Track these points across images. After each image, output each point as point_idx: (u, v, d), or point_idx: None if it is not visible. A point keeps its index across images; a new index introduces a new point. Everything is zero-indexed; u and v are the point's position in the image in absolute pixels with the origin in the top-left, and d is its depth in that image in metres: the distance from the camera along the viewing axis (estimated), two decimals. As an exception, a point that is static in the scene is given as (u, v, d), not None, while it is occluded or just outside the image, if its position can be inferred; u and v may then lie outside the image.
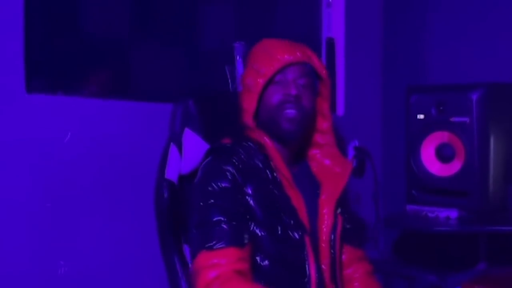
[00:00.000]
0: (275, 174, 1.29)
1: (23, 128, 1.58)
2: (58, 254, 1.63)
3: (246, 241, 1.21)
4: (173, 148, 1.41)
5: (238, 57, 2.09)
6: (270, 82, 1.31)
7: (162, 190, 1.39)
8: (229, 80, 2.09)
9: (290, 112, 1.30)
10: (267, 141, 1.31)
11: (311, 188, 1.37)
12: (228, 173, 1.25)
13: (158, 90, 1.94)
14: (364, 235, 1.49)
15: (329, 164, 1.40)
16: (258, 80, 1.31)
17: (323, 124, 1.41)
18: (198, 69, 2.09)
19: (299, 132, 1.33)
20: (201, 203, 1.24)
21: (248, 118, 1.34)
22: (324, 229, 1.33)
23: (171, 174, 1.40)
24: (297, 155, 1.40)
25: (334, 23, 2.34)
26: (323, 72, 1.37)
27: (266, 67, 1.31)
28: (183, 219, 1.38)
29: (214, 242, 1.19)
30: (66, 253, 1.64)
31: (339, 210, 1.36)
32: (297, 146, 1.38)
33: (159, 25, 2.01)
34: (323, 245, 1.32)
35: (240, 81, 1.42)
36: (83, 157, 1.68)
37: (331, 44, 2.33)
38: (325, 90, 1.39)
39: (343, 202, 1.40)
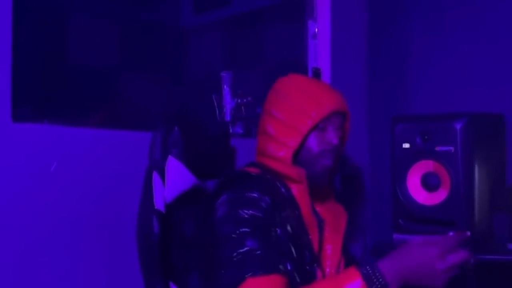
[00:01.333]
0: (300, 209, 1.29)
1: (9, 157, 1.56)
2: (41, 286, 1.60)
3: (283, 268, 1.18)
4: (156, 176, 1.36)
5: (225, 86, 2.11)
6: (315, 126, 1.32)
7: (151, 223, 1.30)
8: (216, 109, 2.11)
9: (328, 161, 1.33)
10: (304, 179, 1.31)
11: (319, 226, 1.35)
12: (261, 202, 1.21)
13: (145, 119, 1.95)
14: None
15: (330, 199, 1.42)
16: (307, 121, 1.31)
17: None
18: (185, 98, 2.11)
19: (329, 177, 1.36)
20: (236, 231, 1.18)
21: (286, 153, 1.32)
22: (327, 267, 1.32)
23: (159, 203, 1.33)
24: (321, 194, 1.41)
25: (320, 53, 2.38)
26: (349, 115, 1.40)
27: (315, 109, 1.31)
28: (170, 254, 1.33)
29: (258, 270, 1.13)
30: (50, 285, 1.61)
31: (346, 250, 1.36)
32: (321, 186, 1.39)
33: (147, 55, 2.03)
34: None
35: (264, 109, 1.40)
36: (69, 187, 1.66)
37: (317, 73, 2.36)
38: (348, 127, 1.42)
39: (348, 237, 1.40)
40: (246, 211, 1.19)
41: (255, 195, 1.22)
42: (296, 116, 1.32)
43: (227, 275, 1.16)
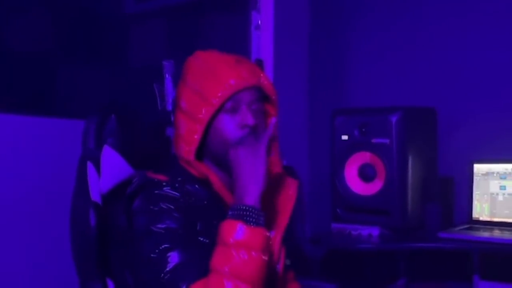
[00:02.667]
0: (223, 208, 1.15)
1: None
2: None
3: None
4: (90, 167, 1.27)
5: (167, 75, 2.08)
6: (218, 109, 1.16)
7: (87, 216, 1.22)
8: (158, 98, 2.07)
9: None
10: (213, 179, 1.18)
11: None
12: (174, 214, 1.12)
13: (83, 107, 1.89)
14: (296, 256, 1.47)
15: (274, 187, 1.28)
16: (204, 108, 1.15)
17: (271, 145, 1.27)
18: (125, 86, 2.06)
19: None
20: (156, 250, 1.09)
21: (188, 152, 1.18)
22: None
23: (95, 195, 1.26)
24: None
25: (263, 45, 2.39)
26: (273, 93, 1.25)
27: (214, 93, 1.15)
28: (107, 249, 1.25)
29: (191, 278, 1.06)
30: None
31: (284, 243, 1.27)
32: None
33: (85, 41, 1.97)
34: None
35: (175, 101, 1.26)
36: (5, 174, 1.59)
37: (260, 65, 2.37)
38: (273, 110, 1.27)
39: (290, 230, 1.32)
40: (160, 226, 1.11)
41: (165, 207, 1.12)
42: (196, 104, 1.16)
43: None
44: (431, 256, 2.04)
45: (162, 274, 1.07)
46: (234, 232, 1.05)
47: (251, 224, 1.07)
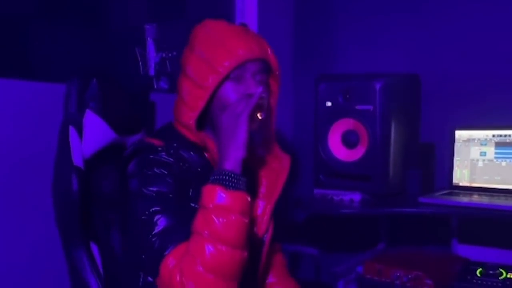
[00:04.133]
0: None
1: None
2: None
3: None
4: (72, 131, 1.27)
5: (149, 39, 2.04)
6: (225, 78, 1.18)
7: (69, 180, 1.22)
8: (140, 63, 2.04)
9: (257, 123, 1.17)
10: (211, 146, 1.20)
11: (250, 187, 1.25)
12: (167, 178, 1.15)
13: (61, 71, 1.85)
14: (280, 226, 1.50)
15: (267, 161, 1.33)
16: (211, 76, 1.17)
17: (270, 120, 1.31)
18: (106, 49, 2.02)
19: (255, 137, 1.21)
20: (147, 213, 1.12)
21: (189, 117, 1.19)
22: (255, 232, 1.28)
23: (77, 160, 1.25)
24: None
25: (247, 9, 2.35)
26: (277, 68, 1.28)
27: (221, 62, 1.17)
28: (90, 213, 1.28)
29: (172, 244, 1.09)
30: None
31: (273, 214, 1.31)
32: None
33: (64, 2, 1.91)
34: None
35: (181, 67, 1.26)
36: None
37: (244, 30, 2.34)
38: (275, 85, 1.30)
39: (279, 201, 1.34)
40: (152, 189, 1.14)
41: (159, 171, 1.15)
42: (203, 72, 1.18)
43: (149, 258, 1.13)
44: (411, 221, 2.08)
45: (150, 236, 1.11)
46: (213, 196, 1.07)
47: (230, 188, 1.08)
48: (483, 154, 1.91)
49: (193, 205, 1.15)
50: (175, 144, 1.20)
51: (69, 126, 1.27)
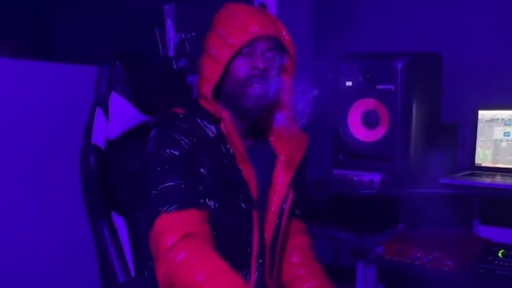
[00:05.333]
0: (228, 147, 1.28)
1: None
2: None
3: (203, 204, 1.20)
4: (99, 112, 1.36)
5: (168, 20, 2.04)
6: (237, 53, 1.26)
7: (88, 156, 1.33)
8: (159, 44, 2.04)
9: (255, 89, 1.26)
10: (225, 116, 1.29)
11: (267, 160, 1.37)
12: (182, 142, 1.23)
13: (81, 52, 1.86)
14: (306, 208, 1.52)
15: (287, 137, 1.38)
16: (225, 50, 1.26)
17: (285, 98, 1.35)
18: (125, 30, 2.02)
19: (261, 109, 1.30)
20: (157, 170, 1.21)
21: (207, 88, 1.29)
22: (275, 200, 1.35)
23: (98, 139, 1.34)
24: (256, 127, 1.37)
25: (266, -12, 2.33)
26: (291, 47, 1.33)
27: (235, 37, 1.25)
28: (111, 186, 1.35)
29: (173, 205, 1.15)
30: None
31: (293, 183, 1.37)
32: (258, 120, 1.35)
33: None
34: (271, 216, 1.34)
35: (202, 49, 1.35)
36: (1, 120, 1.59)
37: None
38: (291, 64, 1.35)
39: (299, 176, 1.40)
40: (166, 150, 1.22)
41: (176, 136, 1.23)
42: (216, 47, 1.27)
43: (148, 212, 1.19)
44: (432, 202, 2.06)
45: (152, 191, 1.19)
46: None
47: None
48: (507, 134, 1.88)
49: (202, 170, 1.22)
50: (194, 113, 1.29)
51: (96, 108, 1.36)
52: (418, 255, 1.64)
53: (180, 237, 1.11)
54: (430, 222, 2.14)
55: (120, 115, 1.37)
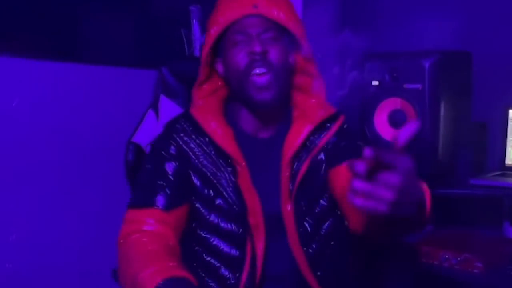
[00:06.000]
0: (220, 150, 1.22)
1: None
2: (9, 220, 1.59)
3: (173, 206, 1.19)
4: (150, 113, 1.48)
5: (194, 21, 2.05)
6: (231, 44, 1.18)
7: (128, 152, 1.46)
8: (185, 44, 2.06)
9: (260, 78, 1.15)
10: (211, 129, 1.22)
11: (278, 151, 1.25)
12: (172, 146, 1.22)
13: (108, 53, 1.89)
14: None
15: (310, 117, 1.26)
16: (212, 29, 1.18)
17: (308, 84, 1.28)
18: (152, 31, 2.04)
19: (273, 99, 1.18)
20: (143, 167, 1.26)
21: (195, 89, 1.25)
22: (282, 184, 1.23)
23: (141, 138, 1.45)
24: (273, 117, 1.27)
25: (291, -13, 2.32)
26: (290, 24, 1.19)
27: (221, 15, 1.17)
28: None
29: (139, 202, 1.20)
30: (17, 220, 1.61)
31: (299, 167, 1.22)
32: (274, 111, 1.25)
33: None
34: (286, 217, 1.22)
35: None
36: (32, 121, 1.63)
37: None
38: (304, 45, 1.24)
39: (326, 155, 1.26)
40: (156, 151, 1.23)
41: (169, 140, 1.23)
42: (207, 28, 1.21)
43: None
44: (461, 202, 2.03)
45: (132, 186, 1.29)
46: None
47: None
48: (538, 134, 1.83)
49: (193, 177, 1.21)
50: (189, 115, 1.25)
51: (148, 110, 1.48)
52: (447, 256, 1.61)
53: (131, 231, 1.17)
54: (459, 223, 2.11)
55: (168, 117, 1.42)
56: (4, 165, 1.59)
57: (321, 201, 1.28)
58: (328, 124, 1.29)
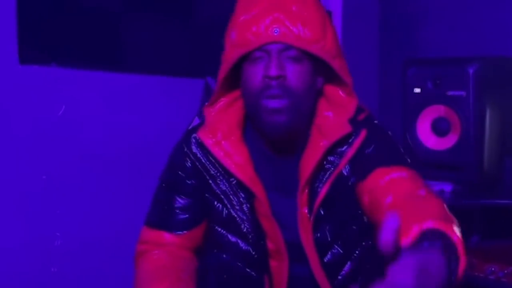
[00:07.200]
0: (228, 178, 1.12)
1: (16, 100, 1.57)
2: (55, 225, 1.64)
3: (189, 228, 1.15)
4: (196, 122, 1.46)
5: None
6: (250, 60, 1.03)
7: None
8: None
9: (272, 102, 1.01)
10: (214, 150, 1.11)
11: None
12: (188, 161, 1.14)
13: (153, 62, 1.92)
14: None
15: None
16: (231, 49, 1.04)
17: (337, 96, 1.12)
18: (198, 41, 2.07)
19: (288, 123, 1.04)
20: (161, 181, 1.19)
21: (213, 100, 1.12)
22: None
23: None
24: (289, 140, 1.12)
25: (331, -6, 2.32)
26: (319, 44, 1.02)
27: (240, 35, 1.02)
28: None
29: (155, 221, 1.17)
30: (63, 224, 1.65)
31: (320, 188, 1.08)
32: (287, 139, 1.10)
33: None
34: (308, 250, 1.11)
35: None
36: (78, 130, 1.67)
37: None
38: (338, 64, 1.06)
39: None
40: (172, 168, 1.17)
41: (179, 153, 1.16)
42: (226, 42, 1.07)
43: None
44: (508, 213, 1.96)
45: (152, 201, 1.20)
46: None
47: None
48: None
49: (209, 197, 1.14)
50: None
51: (195, 118, 1.41)
52: (493, 269, 1.56)
53: (141, 251, 1.16)
54: (506, 234, 2.04)
55: None
56: (52, 172, 1.64)
57: (350, 226, 1.15)
58: (350, 140, 1.10)
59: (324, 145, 1.07)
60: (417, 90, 1.91)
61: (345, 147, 1.10)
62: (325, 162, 1.10)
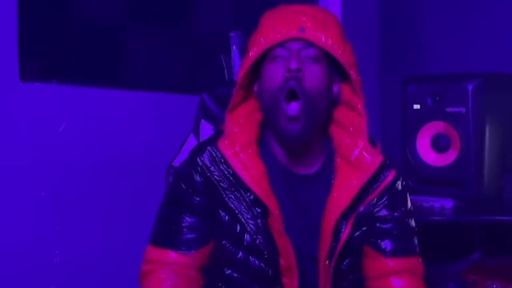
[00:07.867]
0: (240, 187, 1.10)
1: (17, 117, 1.58)
2: (53, 242, 1.63)
3: (196, 248, 1.13)
4: (191, 138, 1.49)
5: (234, 47, 2.08)
6: (270, 59, 1.06)
7: (169, 176, 1.46)
8: (225, 70, 2.09)
9: (291, 107, 1.03)
10: (235, 162, 1.09)
11: (318, 192, 1.13)
12: (197, 177, 1.12)
13: (151, 79, 1.93)
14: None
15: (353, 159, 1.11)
16: (246, 59, 1.07)
17: (349, 119, 1.14)
18: (193, 58, 2.08)
19: (303, 131, 1.05)
20: (167, 197, 1.18)
21: (228, 113, 1.12)
22: (322, 247, 1.11)
23: (178, 162, 1.45)
24: (303, 152, 1.13)
25: (331, 7, 2.33)
26: (339, 51, 1.05)
27: (256, 43, 1.06)
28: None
29: (160, 239, 1.15)
30: (61, 242, 1.64)
31: (344, 225, 1.09)
32: (300, 145, 1.10)
33: (154, 12, 2.00)
34: (322, 265, 1.11)
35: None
36: (78, 146, 1.67)
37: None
38: (355, 76, 1.09)
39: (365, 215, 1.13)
40: (180, 185, 1.14)
41: (188, 167, 1.13)
42: (246, 55, 1.09)
43: None
44: (509, 229, 1.95)
45: (156, 218, 1.17)
46: None
47: None
48: None
49: (221, 212, 1.12)
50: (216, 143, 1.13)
51: (190, 134, 1.49)
52: (495, 286, 1.55)
53: (147, 271, 1.14)
54: (507, 251, 2.03)
55: None
56: (51, 188, 1.64)
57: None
58: (381, 175, 1.13)
59: (360, 179, 1.09)
60: (417, 106, 1.92)
61: (376, 182, 1.13)
62: (355, 198, 1.10)
